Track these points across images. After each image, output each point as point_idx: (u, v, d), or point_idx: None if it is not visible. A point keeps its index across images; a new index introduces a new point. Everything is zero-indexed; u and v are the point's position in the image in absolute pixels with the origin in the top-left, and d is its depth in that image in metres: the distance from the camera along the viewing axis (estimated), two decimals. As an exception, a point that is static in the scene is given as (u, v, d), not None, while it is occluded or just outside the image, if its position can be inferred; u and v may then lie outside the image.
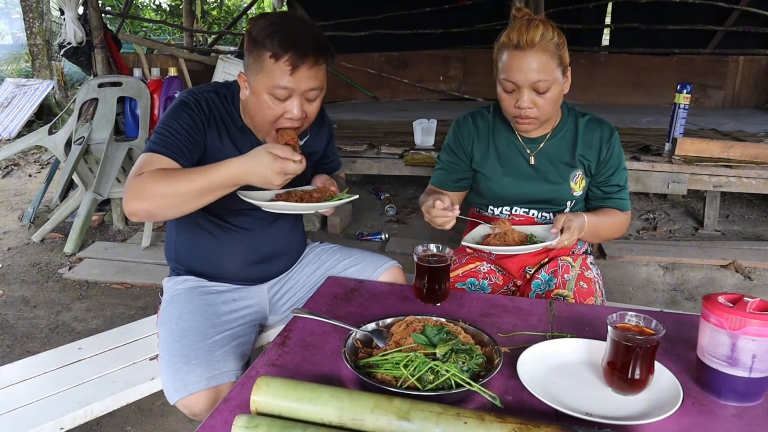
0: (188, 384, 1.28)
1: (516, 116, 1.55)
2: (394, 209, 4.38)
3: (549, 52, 1.47)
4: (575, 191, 1.66)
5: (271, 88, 1.36)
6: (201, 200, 1.31)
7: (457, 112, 1.85)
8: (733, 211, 4.34)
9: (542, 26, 1.47)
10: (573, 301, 1.56)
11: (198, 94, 1.47)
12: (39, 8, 8.48)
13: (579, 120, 1.67)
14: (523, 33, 1.46)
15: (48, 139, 4.07)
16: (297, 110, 1.39)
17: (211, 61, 5.69)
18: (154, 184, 1.28)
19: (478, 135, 1.71)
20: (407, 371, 0.99)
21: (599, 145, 1.64)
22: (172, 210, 1.32)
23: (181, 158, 1.37)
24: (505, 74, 1.51)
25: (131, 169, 1.35)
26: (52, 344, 2.50)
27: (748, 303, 0.99)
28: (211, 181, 1.28)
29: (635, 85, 6.55)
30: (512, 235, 1.53)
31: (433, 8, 6.86)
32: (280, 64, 1.33)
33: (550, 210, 1.68)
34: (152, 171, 1.31)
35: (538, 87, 1.48)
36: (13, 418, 1.32)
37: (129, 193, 1.30)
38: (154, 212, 1.31)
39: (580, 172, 1.65)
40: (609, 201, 1.68)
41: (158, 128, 1.42)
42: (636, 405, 0.98)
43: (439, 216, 1.44)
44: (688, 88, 3.37)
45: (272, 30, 1.34)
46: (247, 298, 1.61)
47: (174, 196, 1.28)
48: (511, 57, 1.49)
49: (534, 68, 1.46)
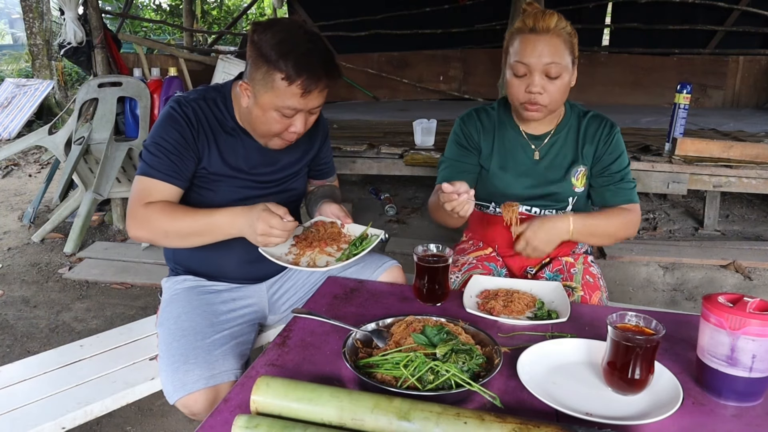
0: (187, 383, 1.28)
1: (525, 102, 1.55)
2: (394, 209, 4.38)
3: (562, 38, 1.51)
4: (576, 187, 1.66)
5: (279, 107, 1.40)
6: (198, 240, 1.43)
7: (457, 112, 1.85)
8: (733, 211, 4.34)
9: (556, 16, 1.52)
10: (582, 293, 1.57)
11: (185, 104, 1.48)
12: (39, 8, 8.47)
13: (582, 117, 1.69)
14: (539, 19, 1.50)
15: (48, 139, 4.07)
16: (301, 125, 1.45)
17: (211, 61, 5.69)
18: (157, 219, 1.40)
19: (484, 130, 1.71)
20: (407, 371, 0.99)
21: (598, 138, 1.66)
22: (171, 243, 1.50)
23: (177, 180, 1.46)
24: (518, 56, 1.52)
25: (132, 193, 1.45)
26: (52, 344, 2.51)
27: (748, 303, 0.99)
28: (208, 224, 1.40)
29: (635, 85, 6.55)
30: (519, 298, 1.37)
31: (433, 8, 6.86)
32: (292, 88, 1.36)
33: (553, 207, 1.68)
34: (158, 206, 1.41)
35: (550, 71, 1.50)
36: (13, 418, 1.32)
37: (135, 222, 1.42)
38: (155, 242, 1.48)
39: (582, 168, 1.66)
40: (608, 191, 1.65)
41: (149, 145, 1.46)
42: (636, 405, 0.98)
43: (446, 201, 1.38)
44: (688, 88, 3.36)
45: (285, 51, 1.34)
46: (246, 297, 1.61)
47: (175, 234, 1.42)
48: (525, 40, 1.51)
49: (547, 52, 1.49)
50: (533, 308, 1.35)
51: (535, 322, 1.28)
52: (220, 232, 1.40)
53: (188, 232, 1.41)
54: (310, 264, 1.42)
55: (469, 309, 1.32)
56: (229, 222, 1.38)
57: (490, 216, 1.73)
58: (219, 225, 1.39)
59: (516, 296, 1.37)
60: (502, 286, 1.46)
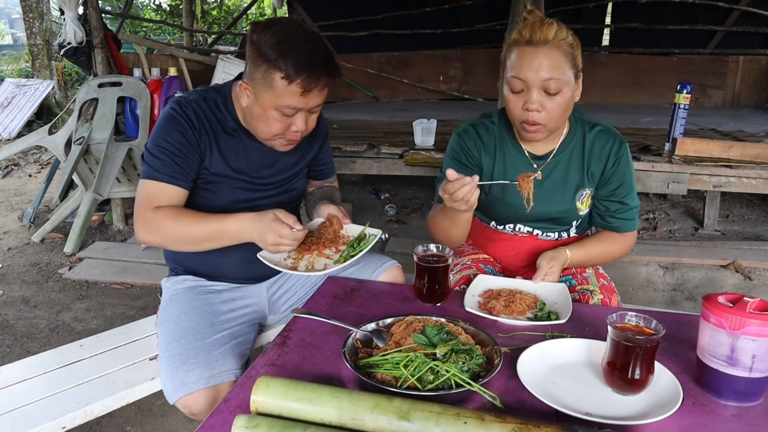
0: (187, 383, 1.28)
1: (523, 120, 1.46)
2: (394, 209, 4.38)
3: (562, 51, 1.41)
4: (581, 210, 1.60)
5: (280, 107, 1.39)
6: (209, 245, 1.44)
7: (457, 112, 1.84)
8: (733, 211, 4.34)
9: (556, 25, 1.41)
10: (601, 296, 1.53)
11: (185, 105, 1.48)
12: (39, 8, 8.47)
13: (587, 133, 1.58)
14: (536, 30, 1.40)
15: (48, 139, 4.07)
16: (302, 124, 1.45)
17: (211, 61, 5.69)
18: (168, 224, 1.41)
19: (485, 148, 1.61)
20: (407, 371, 0.99)
21: (606, 157, 1.56)
22: (181, 248, 1.48)
23: (183, 182, 1.46)
24: (514, 71, 1.42)
25: (139, 197, 1.45)
26: (52, 344, 2.51)
27: (748, 303, 0.99)
28: (219, 230, 1.41)
29: (635, 85, 6.55)
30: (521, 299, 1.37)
31: (433, 8, 6.86)
32: (292, 87, 1.36)
33: (555, 230, 1.63)
34: (167, 210, 1.42)
35: (549, 86, 1.40)
36: (13, 418, 1.32)
37: (144, 226, 1.43)
38: (165, 246, 1.49)
39: (588, 191, 1.59)
40: (610, 219, 1.60)
41: (152, 148, 1.46)
42: (636, 405, 0.98)
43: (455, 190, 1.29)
44: (688, 88, 3.37)
45: (284, 50, 1.34)
46: (246, 297, 1.61)
47: (185, 239, 1.43)
48: (522, 53, 1.41)
49: (546, 66, 1.39)
50: (535, 309, 1.35)
51: (535, 323, 1.28)
52: (230, 238, 1.42)
53: (198, 238, 1.42)
54: (308, 268, 1.41)
55: (469, 308, 1.32)
56: (240, 229, 1.39)
57: (491, 230, 1.69)
58: (229, 232, 1.40)
59: (518, 297, 1.37)
60: (506, 286, 1.46)
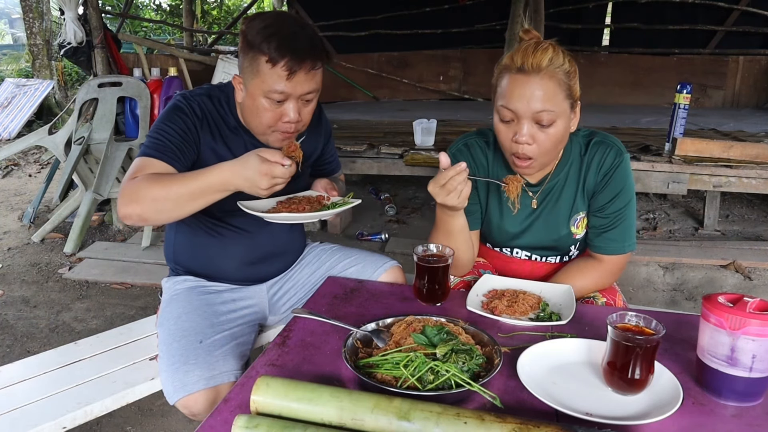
0: (187, 384, 1.28)
1: (513, 153, 1.36)
2: (394, 209, 4.38)
3: (557, 80, 1.29)
4: (577, 235, 1.51)
5: (267, 93, 1.36)
6: (192, 204, 1.30)
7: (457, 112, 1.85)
8: (733, 211, 4.34)
9: (551, 50, 1.29)
10: (604, 299, 1.51)
11: (191, 98, 1.47)
12: (39, 8, 8.47)
13: (583, 148, 1.47)
14: (529, 55, 1.28)
15: (48, 139, 4.07)
16: (293, 113, 1.40)
17: (211, 61, 5.70)
18: (146, 187, 1.28)
19: (479, 171, 1.52)
20: (407, 371, 0.99)
21: (599, 167, 1.45)
22: (164, 214, 1.32)
23: (176, 162, 1.38)
24: (504, 101, 1.32)
25: (126, 174, 1.36)
26: (52, 344, 2.51)
27: (748, 303, 0.99)
28: (201, 184, 1.28)
29: (635, 85, 6.56)
30: (524, 299, 1.35)
31: (433, 8, 6.88)
32: (276, 70, 1.33)
33: (554, 255, 1.56)
34: (145, 175, 1.32)
35: (541, 118, 1.29)
36: (13, 418, 1.32)
37: (122, 197, 1.30)
38: (147, 216, 1.30)
39: (582, 215, 1.50)
40: (592, 237, 1.49)
41: (152, 132, 1.43)
42: (636, 405, 0.98)
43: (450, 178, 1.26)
44: (688, 88, 3.37)
45: (268, 34, 1.33)
46: (246, 298, 1.61)
47: (165, 199, 1.28)
48: (513, 81, 1.30)
49: (538, 96, 1.28)
50: (537, 310, 1.34)
51: (536, 323, 1.28)
52: (214, 192, 1.30)
53: (178, 198, 1.28)
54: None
55: (470, 307, 1.31)
56: (224, 180, 1.28)
57: (489, 249, 1.65)
58: (212, 185, 1.28)
59: (522, 297, 1.35)
60: (511, 286, 1.45)
